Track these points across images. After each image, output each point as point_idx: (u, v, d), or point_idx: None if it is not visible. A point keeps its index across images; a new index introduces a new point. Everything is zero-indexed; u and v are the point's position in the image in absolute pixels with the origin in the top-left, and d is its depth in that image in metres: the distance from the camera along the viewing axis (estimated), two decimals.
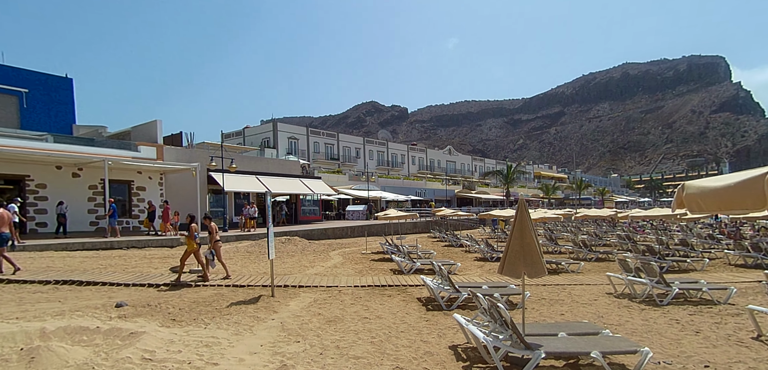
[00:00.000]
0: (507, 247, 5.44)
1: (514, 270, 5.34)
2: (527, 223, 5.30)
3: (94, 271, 11.70)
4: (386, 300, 9.09)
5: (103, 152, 22.05)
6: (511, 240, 5.37)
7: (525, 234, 5.27)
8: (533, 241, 5.25)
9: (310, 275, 12.22)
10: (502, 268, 5.47)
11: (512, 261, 5.33)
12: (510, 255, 5.35)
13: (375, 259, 17.17)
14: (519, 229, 5.32)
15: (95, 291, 9.38)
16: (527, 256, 5.24)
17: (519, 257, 5.29)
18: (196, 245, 10.46)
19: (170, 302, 8.35)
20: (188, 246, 10.52)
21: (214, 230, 10.85)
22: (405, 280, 11.43)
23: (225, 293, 9.44)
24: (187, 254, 10.53)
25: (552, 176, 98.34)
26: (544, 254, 15.27)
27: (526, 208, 5.41)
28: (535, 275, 5.31)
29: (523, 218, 5.33)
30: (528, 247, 5.25)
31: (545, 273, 5.35)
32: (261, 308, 8.10)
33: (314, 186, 32.85)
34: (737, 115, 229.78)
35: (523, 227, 5.31)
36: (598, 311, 8.25)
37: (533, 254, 5.24)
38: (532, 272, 5.28)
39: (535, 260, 5.24)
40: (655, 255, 14.00)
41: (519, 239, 5.31)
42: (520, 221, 5.33)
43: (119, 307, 7.77)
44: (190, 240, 10.45)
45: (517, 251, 5.29)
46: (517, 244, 5.32)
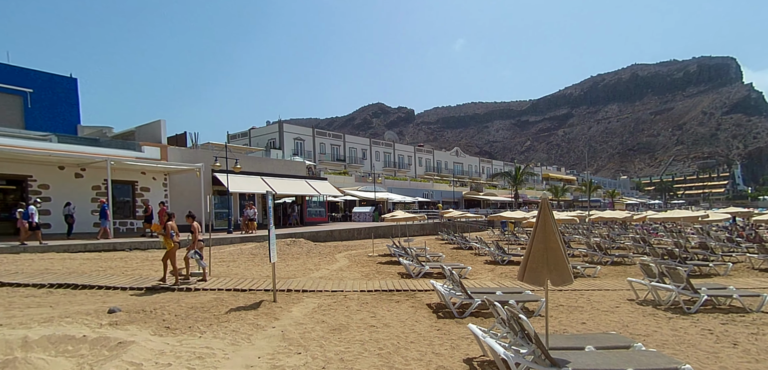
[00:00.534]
0: (528, 251, 4.92)
1: (537, 277, 4.82)
2: (551, 225, 4.78)
3: (92, 274, 11.33)
4: (394, 306, 8.59)
5: (106, 152, 21.79)
6: (533, 244, 4.85)
7: (549, 237, 4.75)
8: (558, 245, 4.73)
9: (315, 279, 11.75)
10: (522, 274, 4.95)
11: (534, 267, 4.81)
12: (532, 260, 4.83)
13: (382, 262, 16.69)
14: (542, 231, 4.80)
15: (90, 295, 8.98)
16: (552, 261, 4.72)
17: (542, 263, 4.77)
18: (174, 244, 9.99)
19: (167, 307, 7.92)
20: (167, 246, 10.06)
21: (197, 229, 10.41)
22: (413, 284, 10.92)
23: (225, 298, 9.00)
24: (168, 254, 10.09)
25: (560, 178, 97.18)
26: None
27: (549, 209, 4.89)
28: (561, 283, 4.79)
29: (547, 219, 4.81)
30: (552, 251, 4.73)
31: (572, 281, 4.82)
32: (262, 314, 7.64)
33: (320, 187, 32.44)
34: (749, 117, 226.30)
35: (547, 229, 4.79)
36: (622, 320, 7.68)
37: (558, 259, 4.72)
38: (557, 279, 4.76)
39: (561, 266, 4.72)
40: (675, 259, 13.35)
41: (542, 242, 4.79)
42: (543, 223, 4.81)
43: (112, 313, 7.35)
44: (167, 239, 10.01)
45: (540, 255, 4.77)
46: (539, 248, 4.80)
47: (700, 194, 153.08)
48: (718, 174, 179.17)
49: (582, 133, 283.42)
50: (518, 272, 5.06)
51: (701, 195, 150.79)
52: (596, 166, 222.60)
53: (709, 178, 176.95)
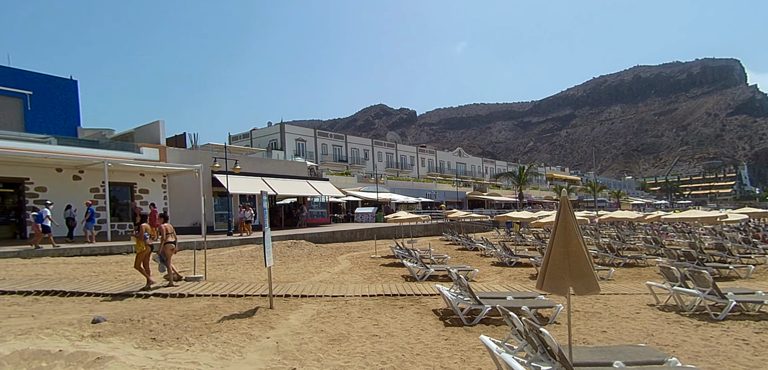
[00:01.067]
0: (547, 256, 4.38)
1: (558, 285, 4.28)
2: (573, 226, 4.23)
3: (82, 279, 10.85)
4: (398, 313, 8.06)
5: (103, 154, 21.38)
6: (553, 248, 4.30)
7: (570, 240, 4.20)
8: (581, 248, 4.19)
9: (315, 283, 11.23)
10: (541, 282, 4.40)
11: (555, 274, 4.26)
12: (552, 267, 4.28)
13: (385, 263, 16.17)
14: (562, 234, 4.26)
15: (77, 303, 8.49)
16: (575, 267, 4.17)
17: (563, 269, 4.22)
18: (146, 247, 9.47)
19: (156, 315, 7.41)
20: (138, 248, 9.55)
21: (166, 231, 9.91)
22: (418, 288, 10.38)
23: (220, 304, 8.49)
24: (140, 257, 9.56)
25: (565, 178, 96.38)
26: None
27: (570, 208, 4.34)
28: (586, 292, 4.24)
29: (568, 220, 4.26)
30: (575, 256, 4.18)
31: (598, 289, 4.27)
32: (256, 322, 7.12)
33: (322, 188, 31.96)
34: (755, 118, 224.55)
35: (568, 231, 4.24)
36: (645, 328, 7.12)
37: (582, 264, 4.17)
38: (581, 287, 4.21)
39: (585, 272, 4.17)
40: (693, 261, 12.75)
41: (563, 246, 4.24)
42: (564, 225, 4.27)
43: (96, 323, 6.84)
44: (139, 241, 9.50)
45: (561, 261, 4.23)
46: (560, 252, 4.26)
47: (706, 195, 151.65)
48: (724, 175, 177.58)
49: (585, 134, 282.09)
50: (537, 280, 4.51)
51: (708, 196, 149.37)
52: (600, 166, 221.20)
53: (716, 178, 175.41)
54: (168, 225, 10.15)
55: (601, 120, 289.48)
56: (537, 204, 64.28)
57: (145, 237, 9.49)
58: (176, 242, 10.30)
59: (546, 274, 4.29)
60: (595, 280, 4.15)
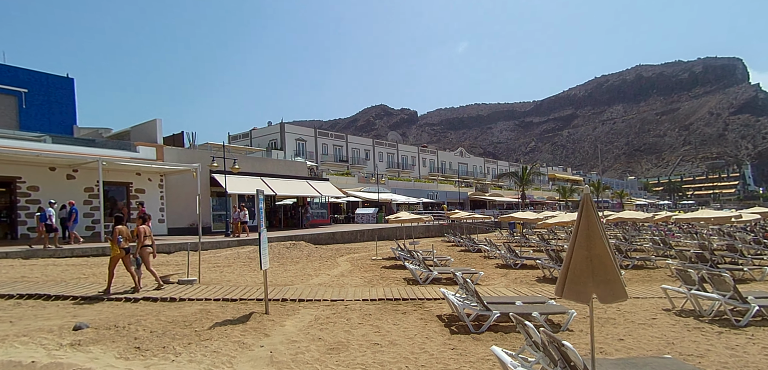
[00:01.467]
0: (567, 260, 3.93)
1: (580, 291, 3.82)
2: (597, 227, 3.78)
3: (71, 282, 10.43)
4: (400, 318, 7.61)
5: (97, 152, 20.95)
6: (574, 251, 3.85)
7: (594, 242, 3.75)
8: (606, 251, 3.73)
9: (314, 286, 10.78)
10: (561, 289, 3.96)
11: (577, 280, 3.81)
12: (573, 272, 3.83)
13: (386, 266, 15.72)
14: (585, 236, 3.80)
15: (61, 308, 8.07)
16: (599, 272, 3.72)
17: (586, 274, 3.77)
18: (120, 250, 9.06)
19: (143, 321, 6.98)
20: (112, 252, 9.18)
21: (143, 233, 9.50)
22: (421, 292, 9.94)
23: (212, 309, 8.05)
24: (113, 261, 9.20)
25: (567, 178, 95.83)
26: None
27: (593, 207, 3.89)
28: (612, 299, 3.79)
29: (591, 220, 3.81)
30: (599, 260, 3.73)
31: (626, 296, 3.82)
32: (250, 329, 6.68)
33: (322, 188, 31.53)
34: (757, 117, 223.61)
35: (591, 232, 3.79)
36: (665, 335, 6.66)
37: (608, 269, 3.72)
38: (607, 294, 3.76)
39: (611, 277, 3.72)
40: (705, 263, 12.28)
41: (585, 249, 3.79)
42: (586, 225, 3.81)
43: (77, 330, 6.41)
44: (114, 244, 9.10)
45: (584, 265, 3.78)
46: (582, 256, 3.81)
47: (709, 195, 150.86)
48: (728, 174, 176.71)
49: (587, 134, 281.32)
50: (557, 286, 4.06)
51: (711, 196, 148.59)
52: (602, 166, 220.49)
53: (719, 178, 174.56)
54: (146, 227, 9.71)
55: (603, 120, 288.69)
56: (539, 205, 63.77)
57: (119, 241, 9.04)
58: (154, 245, 9.84)
59: (567, 279, 3.85)
60: (622, 286, 3.70)
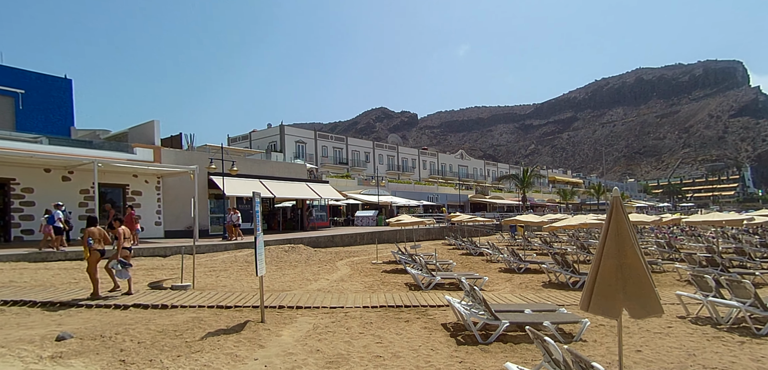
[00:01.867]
0: (594, 270, 3.56)
1: (609, 305, 3.46)
2: (628, 233, 3.42)
3: (60, 287, 10.03)
4: (403, 327, 7.23)
5: (93, 154, 20.56)
6: (602, 259, 3.49)
7: (626, 250, 3.39)
8: (639, 261, 3.37)
9: (312, 292, 10.40)
10: (587, 302, 3.58)
11: (605, 292, 3.44)
12: (601, 283, 3.46)
13: (387, 270, 15.33)
14: (615, 242, 3.44)
15: (46, 315, 7.68)
16: (631, 284, 3.36)
17: (616, 286, 3.40)
18: (92, 253, 8.70)
19: (131, 331, 6.59)
20: (84, 255, 8.82)
21: (122, 235, 9.11)
22: (424, 298, 9.56)
23: (205, 317, 7.67)
24: (91, 263, 8.84)
25: (567, 181, 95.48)
26: (578, 264, 13.27)
27: (623, 210, 3.52)
28: (645, 314, 3.42)
29: (621, 225, 3.45)
30: (631, 270, 3.37)
31: (661, 311, 3.44)
32: (244, 340, 6.30)
33: (321, 191, 31.15)
34: (757, 120, 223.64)
35: (622, 239, 3.43)
36: (683, 345, 6.28)
37: (641, 281, 3.36)
38: (638, 308, 3.39)
39: (644, 290, 3.35)
40: (716, 267, 11.91)
41: (614, 257, 3.42)
42: (616, 230, 3.45)
43: (60, 340, 6.02)
44: (85, 247, 8.74)
45: (613, 276, 3.41)
46: (611, 265, 3.44)
47: (709, 197, 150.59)
48: (727, 177, 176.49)
49: (587, 136, 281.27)
50: (582, 299, 3.68)
51: (711, 198, 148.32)
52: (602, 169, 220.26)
53: (719, 181, 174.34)
54: (124, 229, 9.35)
55: (603, 122, 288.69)
56: (540, 207, 63.43)
57: (89, 242, 8.66)
58: (132, 249, 9.45)
59: (594, 292, 3.47)
60: (656, 299, 3.33)
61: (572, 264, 11.97)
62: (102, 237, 9.02)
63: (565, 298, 9.79)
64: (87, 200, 21.00)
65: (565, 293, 10.52)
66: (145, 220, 23.31)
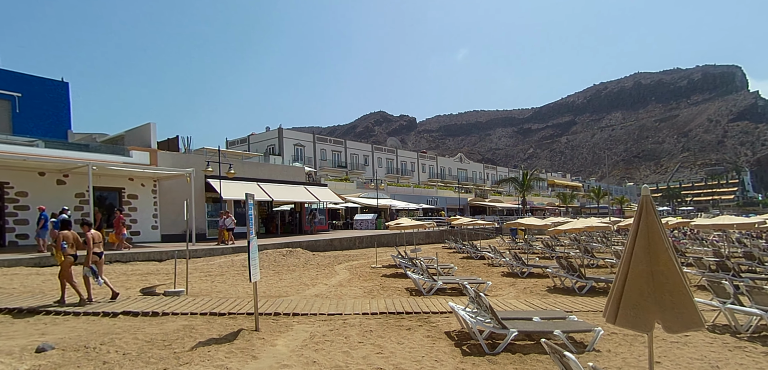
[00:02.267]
0: (621, 278, 3.20)
1: (640, 318, 3.10)
2: (660, 236, 3.06)
3: (48, 294, 9.64)
4: (405, 336, 6.86)
5: (87, 157, 20.21)
6: (631, 266, 3.13)
7: (658, 255, 3.03)
8: (674, 267, 3.02)
9: (309, 298, 10.03)
10: (613, 314, 3.22)
11: (635, 302, 3.09)
12: (630, 292, 3.11)
13: (387, 274, 14.97)
14: (645, 247, 3.08)
15: (31, 324, 7.30)
16: (664, 293, 3.01)
17: (647, 296, 3.05)
18: (66, 257, 8.34)
19: (117, 341, 6.22)
20: (57, 260, 8.47)
21: (92, 239, 8.73)
22: (426, 304, 9.18)
23: (197, 325, 7.29)
24: (65, 268, 8.51)
25: (566, 184, 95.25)
26: (584, 268, 12.92)
27: (654, 210, 3.17)
28: (682, 328, 3.07)
29: (653, 227, 3.09)
30: (664, 277, 3.02)
31: (702, 324, 3.09)
32: (236, 350, 5.93)
33: (320, 194, 30.80)
34: (756, 124, 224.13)
35: (654, 243, 3.07)
36: (704, 356, 5.92)
37: (676, 289, 3.01)
38: (674, 321, 3.03)
39: (680, 299, 3.00)
40: (727, 271, 11.57)
41: (645, 264, 3.06)
42: (647, 233, 3.09)
43: (40, 352, 5.65)
44: (58, 252, 8.37)
45: (644, 285, 3.06)
46: (641, 273, 3.08)
47: (709, 201, 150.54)
48: (727, 181, 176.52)
49: (585, 140, 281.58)
50: (607, 311, 3.31)
51: (710, 202, 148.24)
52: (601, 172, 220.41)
53: (718, 185, 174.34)
54: (95, 233, 8.97)
55: (602, 126, 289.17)
56: (540, 210, 63.13)
57: (63, 246, 8.29)
58: (102, 255, 9.10)
59: (621, 303, 3.11)
60: (695, 311, 2.98)
61: (579, 268, 11.61)
62: (76, 242, 8.63)
63: (573, 303, 9.44)
64: (82, 203, 20.61)
65: (572, 299, 10.16)
66: (142, 223, 22.96)
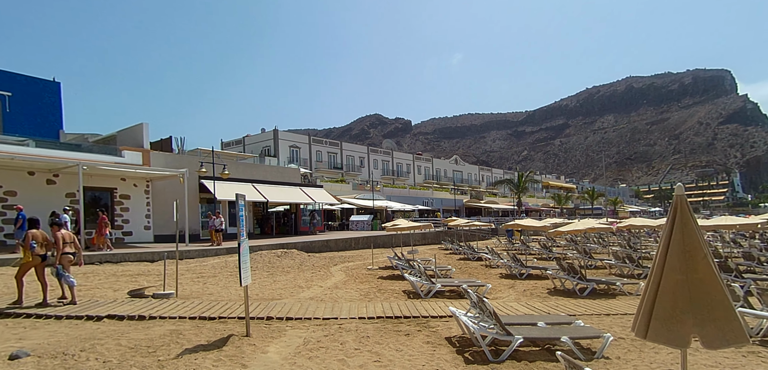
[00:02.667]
0: (652, 288, 2.85)
1: (674, 332, 2.75)
2: (698, 241, 2.73)
3: (31, 296, 9.19)
4: (404, 342, 6.56)
5: (77, 156, 19.74)
6: (665, 273, 2.79)
7: (696, 262, 2.69)
8: (714, 275, 2.69)
9: (304, 301, 9.70)
10: (644, 327, 2.86)
11: (669, 314, 2.75)
12: (663, 303, 2.77)
13: (383, 275, 14.68)
14: (680, 253, 2.74)
15: (10, 327, 6.92)
16: (703, 305, 2.66)
17: (683, 308, 2.70)
18: (34, 257, 8.00)
19: (99, 347, 5.85)
20: (24, 259, 8.12)
21: (61, 239, 8.41)
22: (424, 308, 8.89)
23: (185, 330, 6.94)
24: (24, 269, 8.17)
25: (560, 186, 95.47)
26: (585, 270, 12.67)
27: (690, 211, 2.84)
28: (724, 343, 2.70)
29: (689, 230, 2.75)
30: (703, 287, 2.68)
31: (747, 339, 2.75)
32: (225, 358, 5.59)
33: (315, 195, 30.44)
34: (745, 127, 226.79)
35: (691, 247, 2.72)
36: (718, 362, 5.68)
37: (716, 300, 2.67)
38: (716, 335, 2.68)
39: (722, 312, 2.66)
40: (729, 273, 11.39)
41: (680, 271, 2.71)
42: (683, 237, 2.75)
43: (14, 359, 5.28)
44: (26, 251, 8.04)
45: (679, 294, 2.71)
46: (675, 281, 2.73)
47: (699, 202, 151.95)
48: (717, 182, 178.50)
49: (578, 143, 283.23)
50: (636, 324, 2.96)
51: (701, 203, 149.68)
52: (593, 174, 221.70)
53: (709, 186, 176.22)
54: (66, 233, 8.63)
55: (594, 129, 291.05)
56: (535, 212, 63.16)
57: (32, 246, 7.94)
58: (76, 254, 8.74)
59: (653, 315, 2.77)
60: (739, 323, 2.65)
61: (580, 270, 11.38)
62: (45, 241, 8.25)
63: (575, 307, 9.19)
64: (73, 204, 20.13)
65: (574, 301, 9.91)
66: (134, 224, 22.56)
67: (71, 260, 8.56)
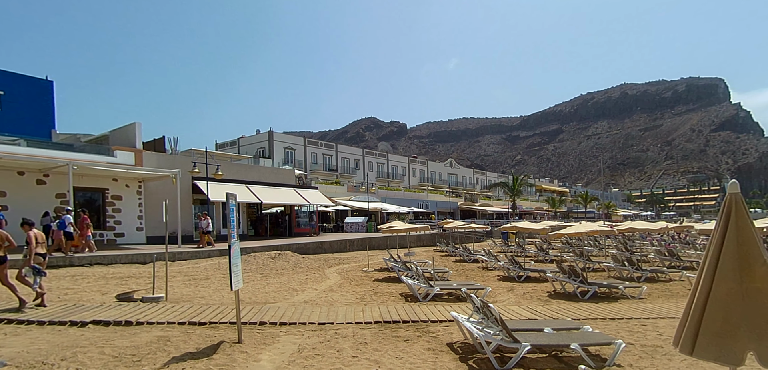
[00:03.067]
0: (700, 298, 2.48)
1: (726, 347, 2.39)
2: (757, 245, 2.42)
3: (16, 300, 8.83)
4: (404, 349, 6.27)
5: (68, 156, 19.29)
6: (715, 282, 2.46)
7: (753, 270, 2.36)
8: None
9: (298, 304, 9.38)
10: (689, 344, 2.50)
11: (720, 329, 2.40)
12: (713, 315, 2.43)
13: (379, 278, 14.39)
14: (734, 260, 2.41)
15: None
16: (761, 317, 2.35)
17: (737, 321, 2.36)
18: None
19: (81, 356, 5.51)
20: None
21: (33, 239, 8.13)
22: (423, 312, 8.61)
23: (174, 336, 6.60)
24: None
25: (554, 190, 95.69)
26: (587, 273, 12.45)
27: (746, 212, 2.53)
28: None
29: (746, 234, 2.42)
30: (761, 296, 2.35)
31: None
32: (214, 367, 5.26)
33: (310, 196, 30.12)
34: (737, 134, 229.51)
35: (747, 253, 2.39)
36: None
37: None
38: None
39: None
40: None
41: (734, 280, 2.39)
42: (739, 243, 2.42)
43: None
44: None
45: (733, 306, 2.37)
46: (728, 291, 2.41)
47: (690, 206, 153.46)
48: (708, 188, 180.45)
49: (572, 148, 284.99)
50: (680, 338, 2.59)
51: (692, 207, 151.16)
52: (586, 179, 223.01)
53: (700, 191, 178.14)
54: (37, 233, 8.36)
55: (588, 135, 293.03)
56: (529, 214, 63.20)
57: None
58: (46, 256, 8.42)
59: (701, 328, 2.44)
60: None
61: (581, 273, 11.16)
62: (8, 241, 7.87)
63: (578, 310, 8.95)
64: (63, 204, 19.66)
65: (576, 305, 9.68)
66: (126, 225, 22.17)
67: (43, 262, 8.24)
